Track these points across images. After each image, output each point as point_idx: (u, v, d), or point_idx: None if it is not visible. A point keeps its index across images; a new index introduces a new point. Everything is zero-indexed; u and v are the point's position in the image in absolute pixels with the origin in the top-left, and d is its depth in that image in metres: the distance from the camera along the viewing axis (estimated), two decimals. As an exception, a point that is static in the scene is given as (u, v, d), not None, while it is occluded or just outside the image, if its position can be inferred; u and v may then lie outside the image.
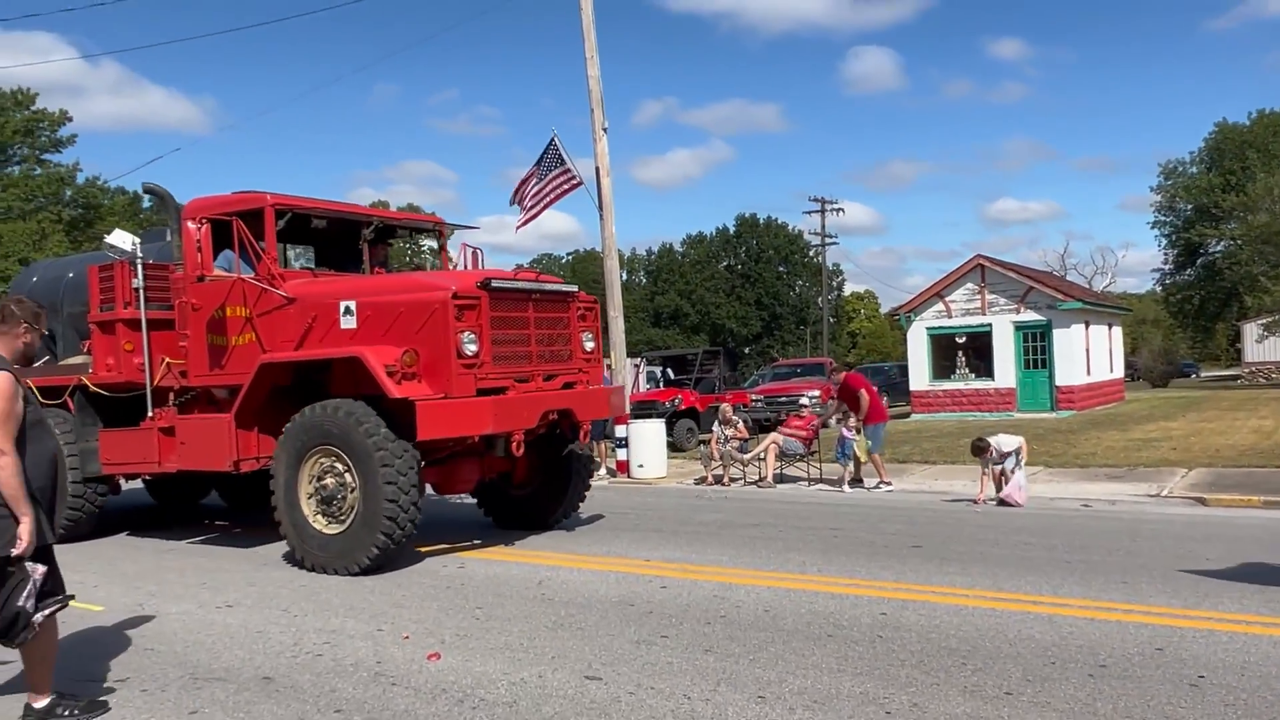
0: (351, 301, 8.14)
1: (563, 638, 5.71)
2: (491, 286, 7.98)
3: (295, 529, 7.99)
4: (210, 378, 8.94)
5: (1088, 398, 26.33)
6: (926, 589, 6.62)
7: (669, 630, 5.78)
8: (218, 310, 8.77)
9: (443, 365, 7.68)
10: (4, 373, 4.36)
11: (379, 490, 7.47)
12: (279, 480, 8.06)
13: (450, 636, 5.81)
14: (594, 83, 15.72)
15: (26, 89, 42.53)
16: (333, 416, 7.77)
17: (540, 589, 7.03)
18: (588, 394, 9.03)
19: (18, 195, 40.50)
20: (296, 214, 8.81)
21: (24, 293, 10.94)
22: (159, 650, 5.78)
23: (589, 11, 15.67)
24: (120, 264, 9.29)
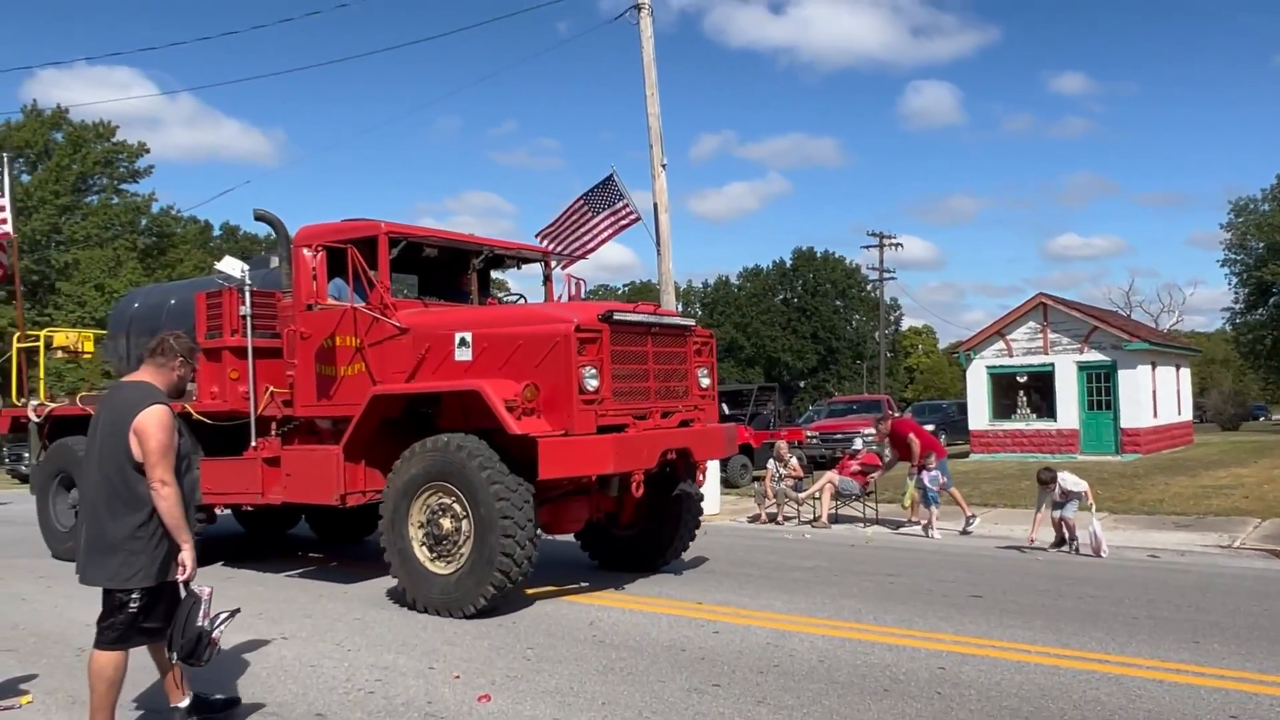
0: (467, 333, 7.93)
1: (613, 683, 5.66)
2: (613, 319, 7.69)
3: (405, 567, 7.72)
4: (317, 408, 8.81)
5: (1154, 441, 25.62)
6: (987, 643, 6.45)
7: (721, 679, 5.70)
8: (327, 339, 8.63)
9: (563, 401, 7.41)
10: (162, 405, 4.55)
11: (494, 530, 7.20)
12: (388, 516, 7.82)
13: (501, 677, 5.80)
14: (654, 120, 15.85)
15: (107, 122, 44.20)
16: (447, 451, 7.52)
17: (591, 630, 6.99)
18: (705, 432, 8.72)
19: (96, 224, 41.98)
20: (410, 242, 8.68)
21: (125, 318, 11.28)
22: (214, 682, 5.84)
23: (649, 50, 15.83)
24: (228, 291, 9.24)
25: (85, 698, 5.55)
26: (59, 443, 11.15)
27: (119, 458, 4.51)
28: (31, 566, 10.63)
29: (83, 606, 8.20)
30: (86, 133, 43.36)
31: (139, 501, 4.49)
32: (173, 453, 4.51)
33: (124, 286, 38.49)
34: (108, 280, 38.49)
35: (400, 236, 8.60)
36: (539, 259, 10.35)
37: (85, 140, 43.27)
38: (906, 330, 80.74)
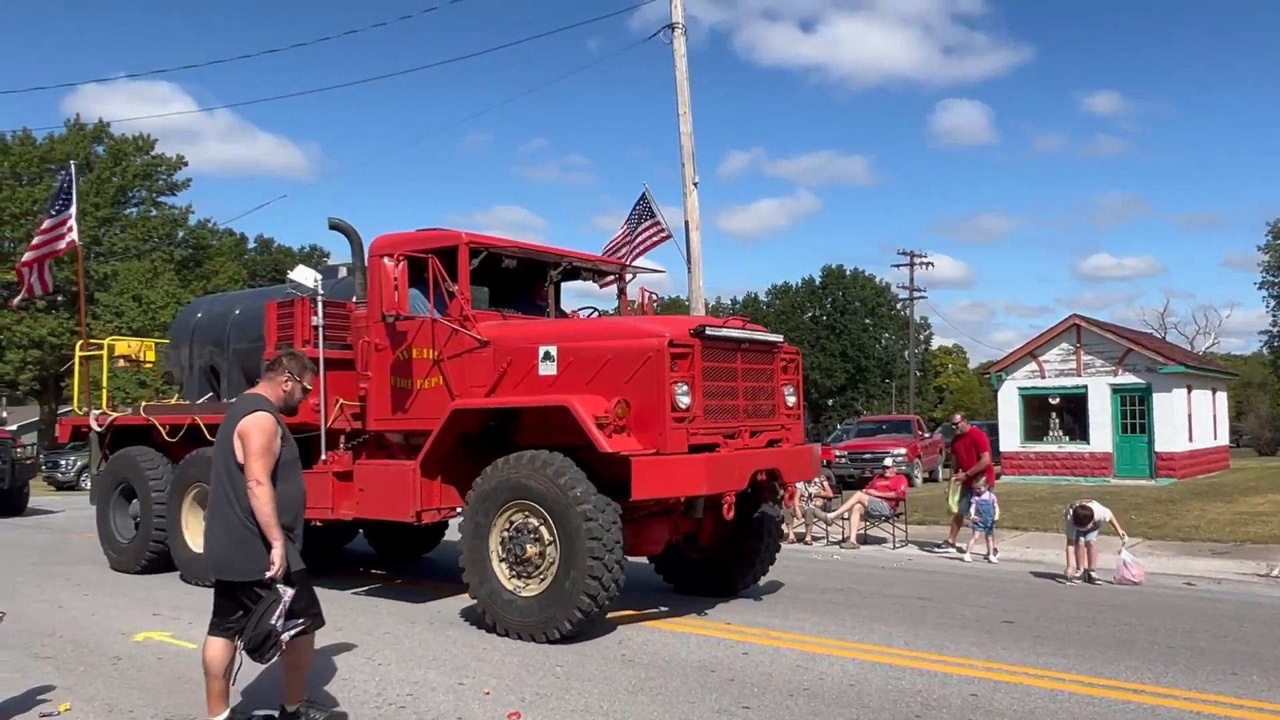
0: (553, 347, 7.66)
1: (642, 702, 5.66)
2: (706, 335, 7.45)
3: (485, 589, 7.44)
4: (392, 421, 8.58)
5: (1189, 465, 25.25)
6: (1020, 669, 6.38)
7: (750, 700, 5.68)
8: (403, 351, 8.42)
9: (654, 418, 7.15)
10: (264, 412, 4.90)
11: (581, 552, 6.92)
12: (467, 535, 7.55)
13: (530, 695, 5.81)
14: (685, 139, 15.91)
15: (147, 135, 44.92)
16: (531, 469, 7.26)
17: (620, 649, 6.99)
18: (794, 453, 8.41)
19: (135, 236, 42.66)
20: (491, 253, 8.49)
21: (188, 328, 11.27)
22: (248, 694, 5.90)
23: (682, 69, 15.91)
24: (300, 300, 9.03)
25: (123, 705, 5.65)
26: (121, 452, 11.05)
27: (228, 460, 4.89)
28: (69, 574, 10.80)
29: (118, 615, 8.35)
30: (126, 146, 44.12)
31: (243, 501, 4.81)
32: (269, 456, 4.80)
33: (160, 298, 39.10)
34: (145, 291, 39.07)
35: (481, 247, 8.40)
36: (614, 272, 10.12)
37: (125, 153, 44.02)
38: (936, 349, 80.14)
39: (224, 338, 10.64)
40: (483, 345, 7.94)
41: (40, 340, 38.90)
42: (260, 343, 9.82)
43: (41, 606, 8.81)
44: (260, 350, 9.95)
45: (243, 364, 10.42)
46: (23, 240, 39.55)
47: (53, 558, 12.32)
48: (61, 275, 41.13)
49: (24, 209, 39.29)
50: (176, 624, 7.95)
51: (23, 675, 6.34)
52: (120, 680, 6.25)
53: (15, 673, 6.40)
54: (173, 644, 7.23)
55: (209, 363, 10.90)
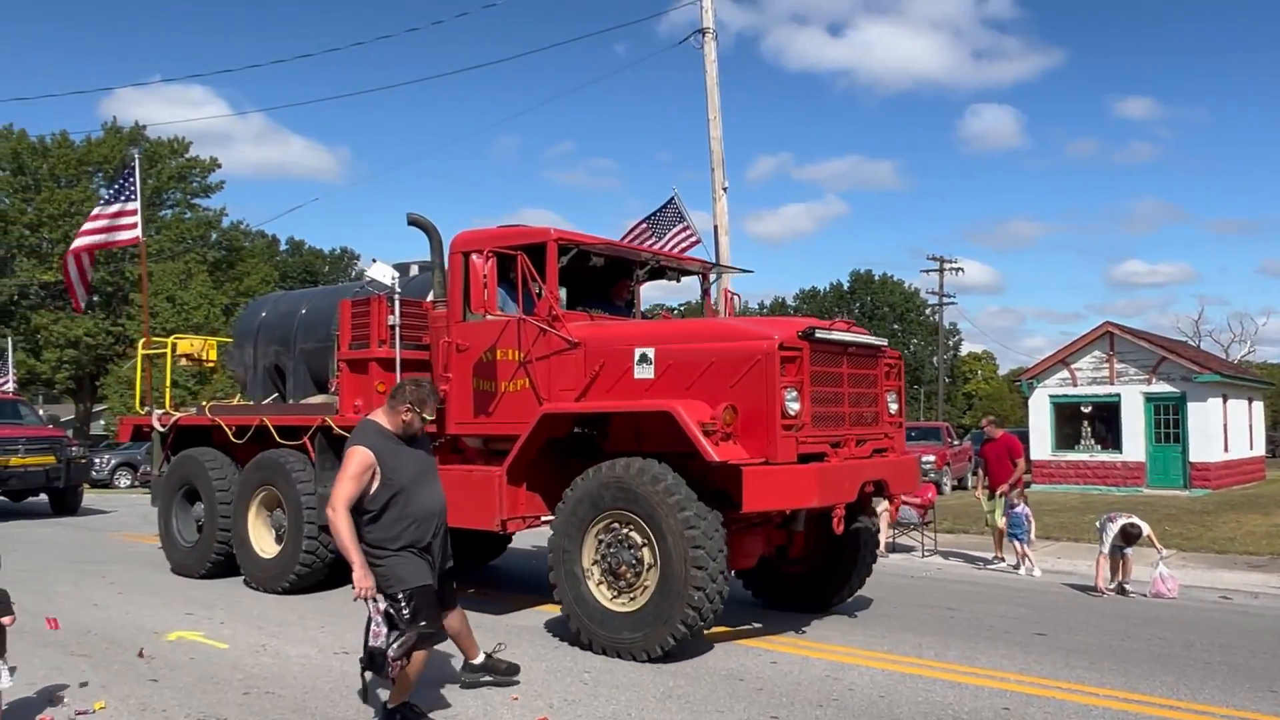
0: (650, 349, 7.31)
1: (671, 711, 5.65)
2: (815, 337, 7.08)
3: (577, 603, 7.07)
4: (474, 425, 8.20)
5: (1224, 476, 24.88)
6: (1052, 683, 6.30)
7: (779, 710, 5.65)
8: (486, 352, 8.06)
9: (762, 426, 6.79)
10: (358, 445, 5.14)
11: (685, 566, 6.54)
12: (559, 546, 7.19)
13: (558, 701, 5.82)
14: (715, 143, 15.89)
15: (181, 138, 45.55)
16: (629, 477, 6.88)
17: (648, 655, 6.97)
18: (901, 463, 8.07)
19: (170, 237, 43.23)
20: (581, 250, 8.15)
21: (253, 327, 11.06)
22: (280, 695, 5.96)
23: (713, 74, 15.89)
24: (376, 299, 8.73)
25: (156, 705, 5.72)
26: (184, 454, 10.79)
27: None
28: (104, 573, 10.94)
29: (151, 614, 8.45)
30: (161, 149, 44.73)
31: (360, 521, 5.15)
32: (352, 484, 5.03)
33: (194, 299, 39.57)
34: (179, 292, 39.57)
35: (570, 244, 8.06)
36: (699, 272, 9.71)
37: (160, 156, 44.63)
38: (965, 355, 79.55)
39: (290, 337, 10.45)
40: (573, 346, 7.60)
41: (76, 340, 39.51)
42: (328, 342, 9.64)
43: (77, 605, 8.93)
44: (328, 350, 9.67)
45: (309, 364, 10.25)
46: (60, 241, 40.22)
47: (89, 556, 12.49)
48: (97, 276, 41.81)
49: (62, 210, 39.95)
50: (209, 624, 8.03)
51: (59, 672, 6.43)
52: (154, 679, 6.32)
53: (52, 670, 6.49)
54: (205, 644, 7.31)
55: (274, 362, 10.73)
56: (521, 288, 7.67)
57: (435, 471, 5.50)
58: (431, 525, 5.27)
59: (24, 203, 40.80)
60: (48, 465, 17.56)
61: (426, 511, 5.25)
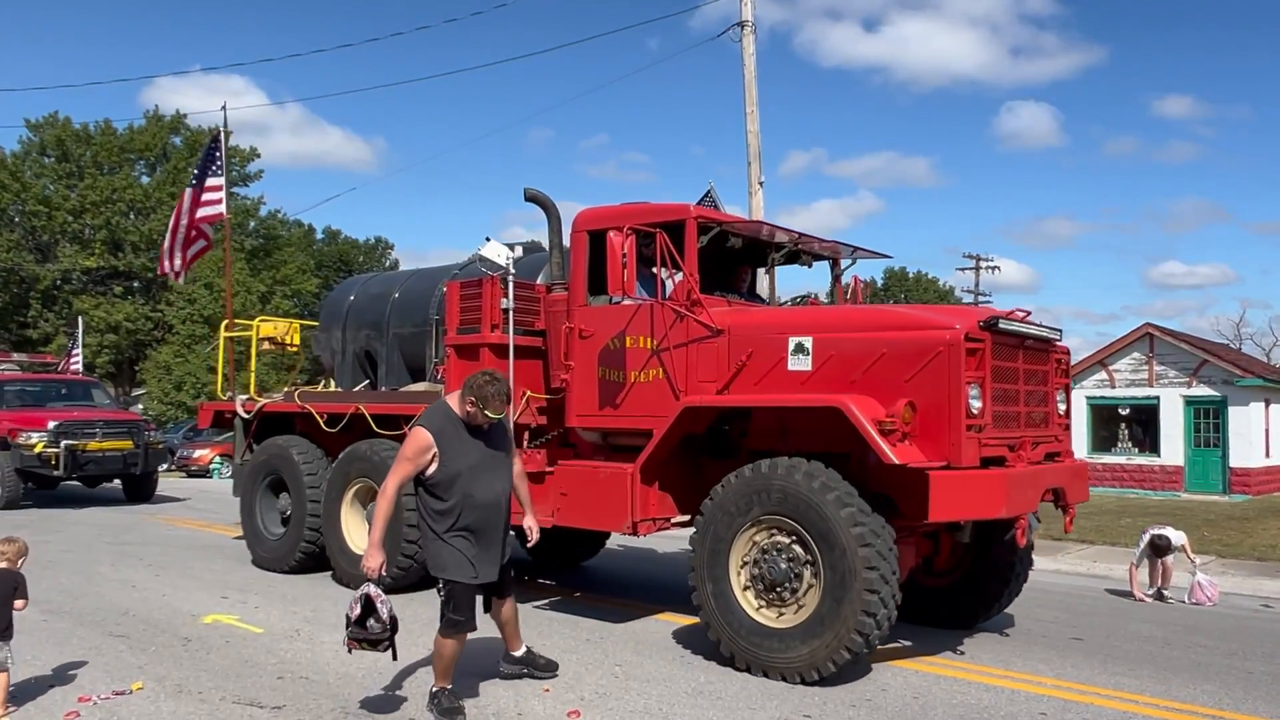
0: (806, 338, 6.66)
1: (702, 706, 5.63)
2: (998, 328, 6.45)
3: (723, 614, 6.45)
4: (599, 418, 7.61)
5: (1265, 482, 24.43)
6: (1090, 689, 6.20)
7: (812, 710, 5.61)
8: (615, 340, 7.47)
9: (943, 425, 6.13)
10: (419, 426, 5.29)
11: (854, 579, 5.88)
12: (702, 552, 6.59)
13: (590, 694, 5.81)
14: (753, 137, 15.80)
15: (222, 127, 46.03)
16: (789, 479, 6.22)
17: (679, 650, 6.96)
18: (1076, 469, 7.40)
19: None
20: (724, 230, 7.47)
21: (341, 310, 10.61)
22: (313, 680, 6.01)
23: (751, 68, 15.80)
24: (489, 281, 8.10)
25: (192, 687, 5.78)
26: (272, 442, 10.32)
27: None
28: (142, 554, 11.11)
29: (187, 597, 8.55)
30: (202, 137, 45.25)
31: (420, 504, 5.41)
32: (408, 465, 5.22)
33: (231, 285, 40.00)
34: (217, 279, 40.04)
35: (710, 223, 7.41)
36: (830, 256, 8.80)
37: (201, 144, 45.18)
38: (1000, 355, 78.60)
39: (383, 321, 10.00)
40: (715, 334, 7.00)
41: (116, 325, 40.11)
42: (425, 326, 9.35)
43: (116, 585, 9.07)
44: (424, 335, 9.34)
45: (403, 349, 9.79)
46: (102, 227, 40.85)
47: (126, 538, 12.68)
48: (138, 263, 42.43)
49: (104, 197, 40.54)
50: (244, 608, 8.12)
51: (98, 652, 6.53)
52: (190, 661, 6.40)
53: (91, 650, 6.59)
54: (240, 627, 7.38)
55: (364, 347, 10.31)
56: (660, 268, 7.09)
57: (503, 463, 5.51)
58: (487, 515, 5.34)
59: (67, 189, 41.43)
60: (125, 450, 16.88)
61: (482, 500, 5.30)
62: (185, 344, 38.95)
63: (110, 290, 42.21)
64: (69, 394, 18.56)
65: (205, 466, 26.73)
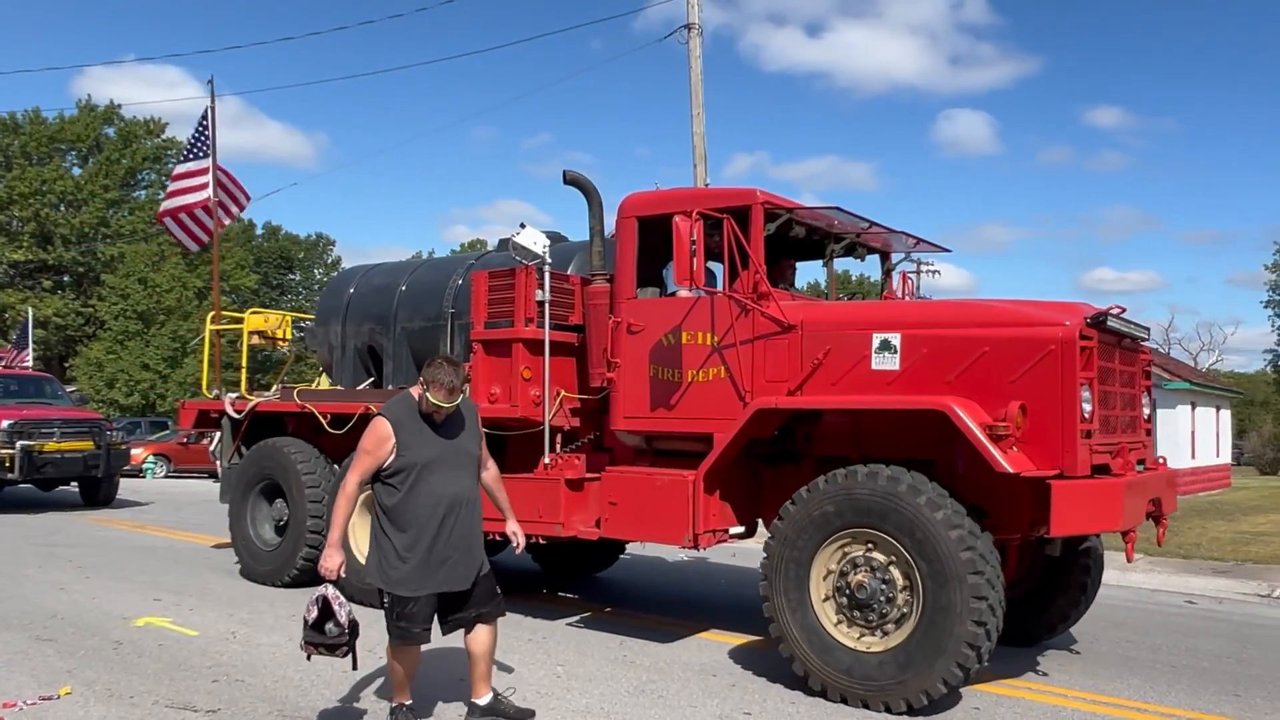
0: (894, 334, 6.16)
1: (644, 705, 5.66)
2: (1106, 325, 6.00)
3: (804, 638, 5.87)
4: (650, 420, 7.02)
5: (1191, 483, 25.23)
6: (1020, 684, 6.36)
7: (752, 707, 5.67)
8: (669, 335, 6.91)
9: (1054, 430, 5.69)
10: (379, 416, 4.93)
11: (961, 597, 5.39)
12: (778, 568, 6.03)
13: (531, 694, 5.80)
14: (698, 139, 15.89)
15: (158, 118, 45.01)
16: (879, 488, 5.69)
17: (621, 649, 6.99)
18: (1169, 478, 6.96)
19: (143, 219, 42.72)
20: (793, 219, 6.96)
21: (339, 304, 9.78)
22: (249, 683, 5.91)
23: (698, 70, 15.89)
24: (524, 271, 7.47)
25: (123, 691, 5.65)
26: (266, 444, 9.53)
27: None
28: (70, 556, 10.81)
29: (119, 599, 8.35)
30: (137, 128, 44.21)
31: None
32: (367, 459, 4.84)
33: (166, 281, 39.13)
34: (151, 275, 39.14)
35: (778, 210, 6.85)
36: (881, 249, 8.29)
37: (135, 136, 44.13)
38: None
39: (389, 314, 9.24)
40: (786, 330, 6.46)
41: (45, 320, 38.95)
42: (437, 320, 8.76)
43: (43, 588, 8.82)
44: (437, 329, 8.75)
45: (412, 345, 9.09)
46: (30, 220, 39.65)
47: (55, 539, 12.33)
48: (69, 256, 41.27)
49: (33, 188, 39.35)
50: (178, 610, 7.95)
51: (24, 657, 6.36)
52: (121, 665, 6.26)
53: (17, 654, 6.41)
54: (174, 630, 7.23)
55: (367, 343, 9.53)
56: (728, 259, 6.54)
57: (466, 461, 4.97)
58: (439, 513, 4.80)
59: (-6, 179, 40.19)
60: (86, 452, 15.69)
61: (437, 497, 4.79)
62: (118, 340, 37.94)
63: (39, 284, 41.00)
64: (20, 390, 17.09)
65: (138, 466, 26.06)
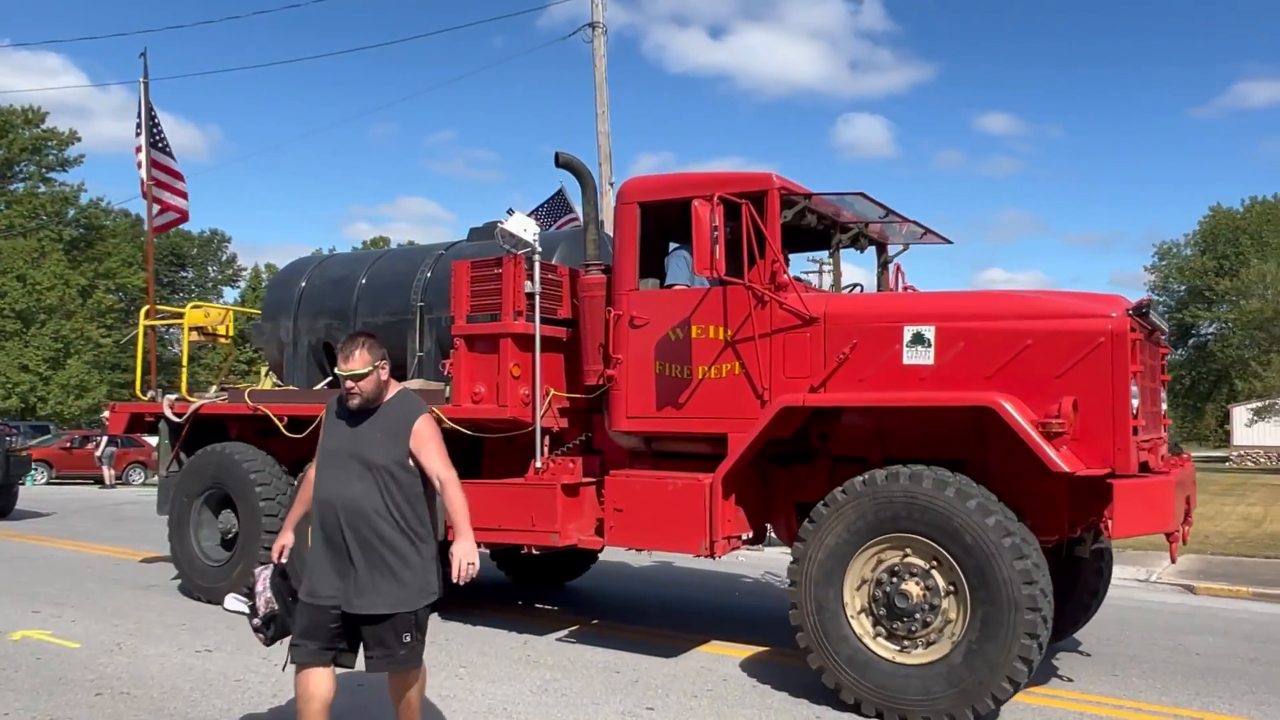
0: (927, 326, 5.84)
1: (547, 703, 5.64)
2: (1149, 318, 5.82)
3: (838, 652, 5.55)
4: (657, 421, 6.59)
5: (1077, 474, 26.32)
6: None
7: (655, 701, 5.71)
8: (676, 329, 6.50)
9: (1105, 427, 5.45)
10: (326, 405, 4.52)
11: (1012, 614, 5.10)
12: (809, 577, 5.69)
13: (433, 696, 5.69)
14: (604, 138, 15.91)
15: (37, 108, 42.95)
16: (920, 491, 5.39)
17: (526, 649, 6.95)
18: (1193, 474, 6.66)
19: (21, 212, 40.71)
20: (808, 207, 6.60)
21: (290, 298, 9.13)
22: (135, 695, 5.68)
23: (602, 69, 15.91)
24: (511, 260, 6.99)
25: None
26: (212, 450, 8.74)
27: None
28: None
29: None
30: (14, 117, 42.03)
31: None
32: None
33: (48, 279, 37.32)
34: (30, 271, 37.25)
35: (795, 198, 6.52)
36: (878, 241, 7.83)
37: (12, 125, 41.94)
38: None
39: (348, 309, 8.64)
40: (808, 323, 6.12)
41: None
42: (404, 314, 8.18)
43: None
44: (401, 325, 8.18)
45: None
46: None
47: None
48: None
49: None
50: (58, 622, 7.58)
51: (-115, 676, 5.97)
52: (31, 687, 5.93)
53: (-123, 673, 6.02)
54: (53, 643, 6.90)
55: (323, 339, 8.88)
56: (747, 248, 6.14)
57: (360, 466, 4.18)
58: (323, 513, 4.22)
59: None
60: None
61: (320, 496, 4.25)
62: (-8, 341, 36.05)
63: (-95, 281, 38.64)
64: None
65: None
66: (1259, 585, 10.32)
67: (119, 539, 13.14)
